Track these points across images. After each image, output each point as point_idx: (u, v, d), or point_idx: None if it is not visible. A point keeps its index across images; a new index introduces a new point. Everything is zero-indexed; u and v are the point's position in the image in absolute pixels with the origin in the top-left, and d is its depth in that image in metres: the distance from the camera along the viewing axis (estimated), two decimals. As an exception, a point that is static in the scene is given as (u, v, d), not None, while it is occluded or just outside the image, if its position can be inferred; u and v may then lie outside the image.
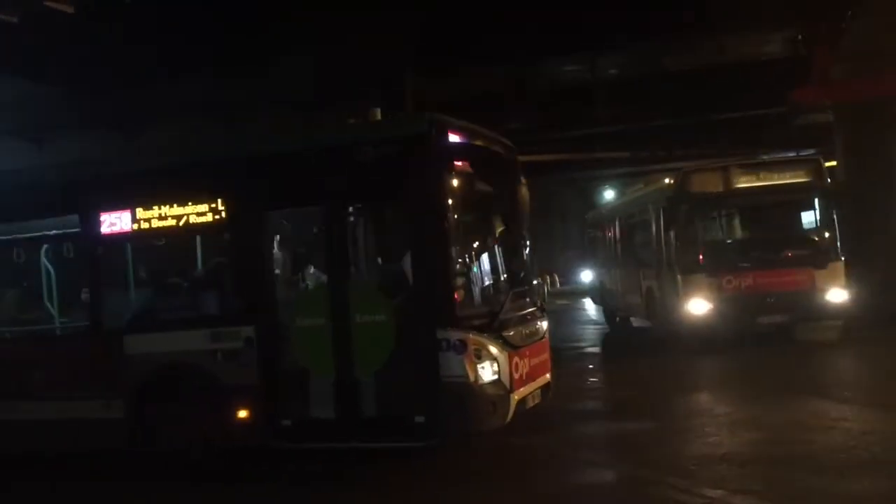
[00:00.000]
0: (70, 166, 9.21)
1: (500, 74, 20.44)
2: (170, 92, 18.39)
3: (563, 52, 20.13)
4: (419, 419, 6.94)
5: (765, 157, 15.77)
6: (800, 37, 20.28)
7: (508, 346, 7.18)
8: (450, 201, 6.88)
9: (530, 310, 8.02)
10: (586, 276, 25.24)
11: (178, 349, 7.62)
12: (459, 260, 7.03)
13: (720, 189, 13.48)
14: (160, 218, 7.75)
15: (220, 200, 7.56)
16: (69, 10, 12.37)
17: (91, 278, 8.07)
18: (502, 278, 7.94)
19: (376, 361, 7.05)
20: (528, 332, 7.74)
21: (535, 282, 8.33)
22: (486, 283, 7.43)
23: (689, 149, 23.75)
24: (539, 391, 7.77)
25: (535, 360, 7.73)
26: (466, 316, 6.99)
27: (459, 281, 7.01)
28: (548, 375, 8.03)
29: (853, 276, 13.61)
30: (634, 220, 16.73)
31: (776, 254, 13.65)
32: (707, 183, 13.55)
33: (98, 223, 7.90)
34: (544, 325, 8.19)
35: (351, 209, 7.37)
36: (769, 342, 13.21)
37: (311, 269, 7.82)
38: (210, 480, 7.48)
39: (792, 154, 20.79)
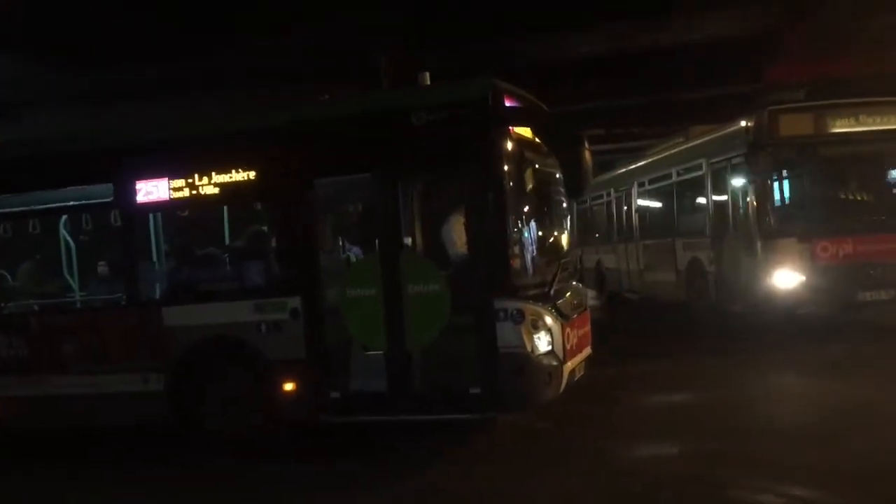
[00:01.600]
0: (102, 133, 8.84)
1: (479, 53, 20.32)
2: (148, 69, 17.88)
3: (542, 30, 20.06)
4: (475, 391, 6.85)
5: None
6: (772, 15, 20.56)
7: (561, 316, 7.13)
8: (507, 168, 6.78)
9: (575, 280, 7.97)
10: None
11: (219, 321, 7.39)
12: (516, 228, 6.91)
13: (814, 133, 11.01)
14: (201, 187, 7.50)
15: (264, 169, 7.34)
16: None
17: (128, 249, 7.79)
18: (552, 247, 7.86)
19: (429, 333, 6.94)
20: (575, 302, 7.70)
21: (575, 251, 8.29)
22: (539, 251, 7.34)
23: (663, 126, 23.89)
24: (583, 363, 7.73)
25: (581, 331, 7.69)
26: (523, 286, 6.90)
27: (516, 250, 6.91)
28: (589, 348, 7.99)
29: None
30: (668, 183, 14.33)
31: (880, 216, 11.12)
32: (798, 125, 11.04)
33: (135, 192, 7.61)
34: (586, 295, 8.15)
35: (403, 177, 7.19)
36: (868, 325, 11.46)
37: (361, 239, 7.64)
38: (257, 458, 7.26)
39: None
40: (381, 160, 7.04)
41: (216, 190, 7.44)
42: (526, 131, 7.16)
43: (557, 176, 7.63)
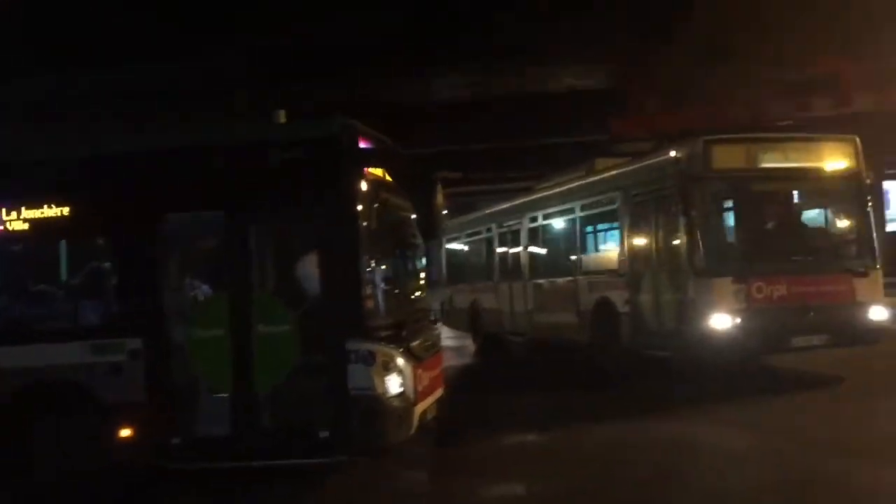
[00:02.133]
0: None
1: (339, 92, 20.33)
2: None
3: (399, 74, 20.31)
4: (324, 434, 6.71)
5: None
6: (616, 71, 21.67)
7: (413, 357, 7.09)
8: (361, 208, 6.74)
9: (428, 321, 7.97)
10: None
11: (52, 363, 6.93)
12: (368, 269, 6.86)
13: (748, 166, 10.29)
14: (32, 218, 7.07)
15: (105, 200, 7.00)
16: None
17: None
18: (406, 288, 7.85)
19: (278, 375, 6.77)
20: (428, 343, 7.69)
21: (441, 292, 8.32)
22: (393, 293, 7.31)
23: (524, 171, 24.60)
24: (435, 404, 7.71)
25: (433, 373, 7.69)
26: (375, 327, 6.83)
27: (369, 291, 6.85)
28: (441, 389, 7.99)
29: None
30: (570, 218, 13.40)
31: (814, 255, 10.50)
32: (734, 157, 10.28)
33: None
34: (439, 336, 8.17)
35: (255, 215, 7.01)
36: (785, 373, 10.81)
37: (210, 278, 7.37)
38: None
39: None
40: (229, 197, 6.86)
41: (47, 222, 7.03)
42: (380, 172, 7.16)
43: (412, 217, 7.64)
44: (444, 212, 6.99)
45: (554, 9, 17.65)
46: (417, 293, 8.06)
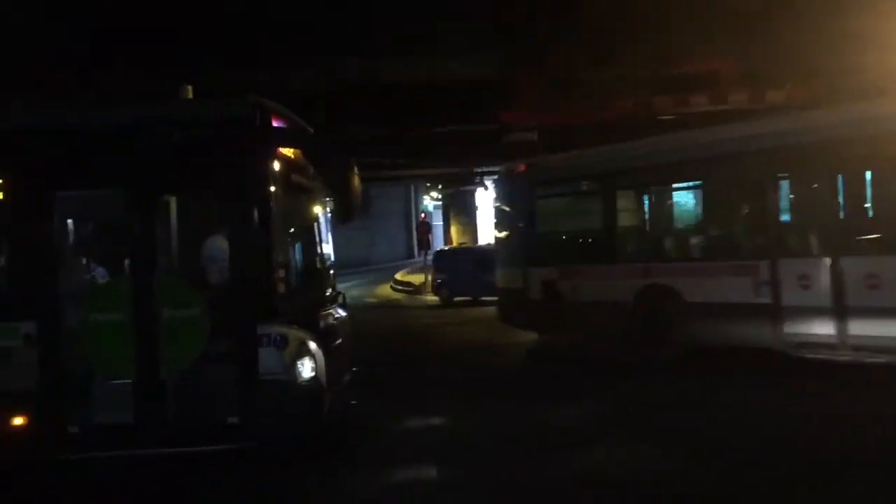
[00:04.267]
0: None
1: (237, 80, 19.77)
2: None
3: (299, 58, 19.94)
4: (233, 420, 6.54)
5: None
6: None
7: (324, 342, 6.99)
8: (273, 189, 6.61)
9: (337, 303, 7.88)
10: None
11: None
12: (279, 251, 6.71)
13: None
14: None
15: None
16: None
17: None
18: (317, 270, 7.72)
19: (184, 359, 6.54)
20: (337, 326, 7.60)
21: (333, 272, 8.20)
22: (304, 275, 7.18)
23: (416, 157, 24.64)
24: (352, 390, 7.64)
25: (343, 356, 7.60)
26: (286, 310, 6.70)
27: (280, 273, 6.71)
28: (351, 373, 7.91)
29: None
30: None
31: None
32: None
33: None
34: (346, 318, 8.07)
35: (158, 193, 6.75)
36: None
37: (108, 260, 7.06)
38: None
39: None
40: (136, 175, 6.58)
41: None
42: (291, 152, 7.00)
43: (324, 199, 7.53)
44: (360, 194, 6.83)
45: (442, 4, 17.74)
46: (329, 276, 7.94)
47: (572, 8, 18.52)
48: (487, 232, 32.91)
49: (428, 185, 40.57)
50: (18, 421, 6.52)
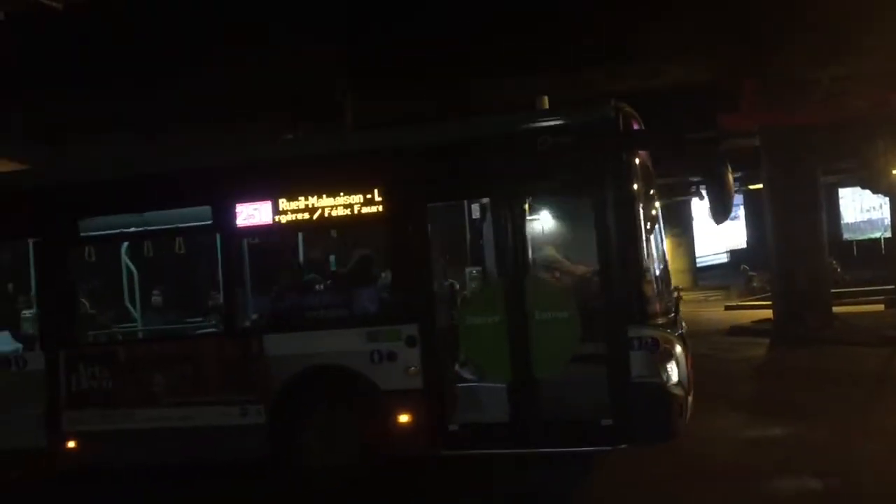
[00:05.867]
0: (200, 154, 8.44)
1: (425, 95, 20.10)
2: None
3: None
4: (606, 422, 6.64)
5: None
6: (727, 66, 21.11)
7: (684, 345, 6.98)
8: (638, 192, 6.68)
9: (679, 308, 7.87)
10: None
11: (326, 350, 7.04)
12: (646, 254, 6.76)
13: None
14: (305, 209, 7.17)
15: (379, 191, 7.04)
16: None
17: (227, 274, 7.38)
18: (668, 273, 7.74)
19: (557, 361, 6.72)
20: (684, 330, 7.58)
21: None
22: (662, 277, 7.21)
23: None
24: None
25: (691, 361, 7.54)
26: (654, 313, 6.74)
27: (648, 276, 6.76)
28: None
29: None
30: None
31: None
32: None
33: (234, 215, 7.24)
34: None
35: (526, 201, 7.03)
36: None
37: (482, 265, 7.40)
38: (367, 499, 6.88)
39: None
40: (503, 184, 6.86)
41: (319, 214, 7.12)
42: (643, 156, 7.06)
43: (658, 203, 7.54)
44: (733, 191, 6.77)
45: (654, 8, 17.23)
46: (670, 279, 7.94)
47: (796, 7, 17.55)
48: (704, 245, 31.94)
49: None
50: (403, 418, 6.92)
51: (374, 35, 16.58)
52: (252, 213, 7.23)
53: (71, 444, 7.43)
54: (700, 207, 31.24)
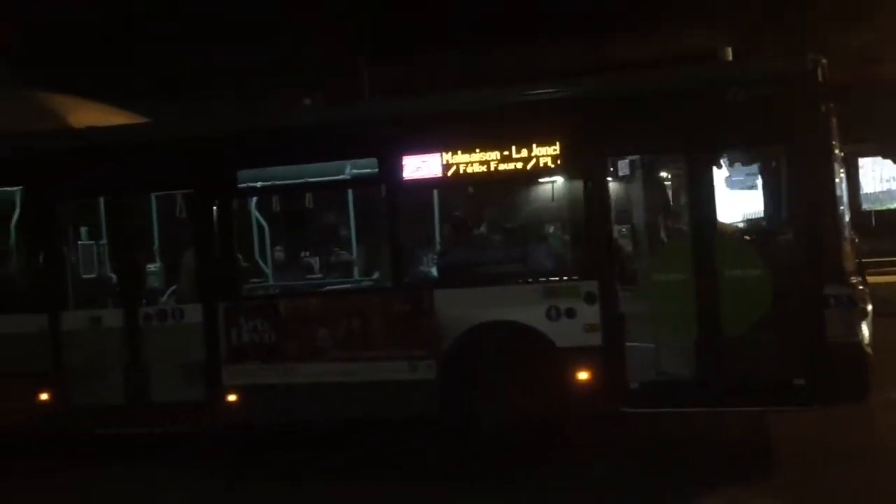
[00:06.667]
0: (366, 105, 8.23)
1: (450, 62, 19.75)
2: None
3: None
4: (798, 382, 6.43)
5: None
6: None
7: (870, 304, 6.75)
8: (834, 146, 6.43)
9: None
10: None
11: (501, 306, 6.84)
12: (841, 209, 6.53)
13: None
14: (477, 163, 6.93)
15: (552, 145, 6.80)
16: None
17: (396, 228, 7.17)
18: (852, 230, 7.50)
19: (746, 319, 6.50)
20: None
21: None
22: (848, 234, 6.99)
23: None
24: None
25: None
26: (850, 271, 6.51)
27: (844, 233, 6.52)
28: None
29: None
30: None
31: None
32: None
33: (403, 168, 7.02)
34: None
35: (715, 155, 6.77)
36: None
37: (667, 219, 7.18)
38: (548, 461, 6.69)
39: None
40: (690, 138, 6.61)
41: (490, 167, 6.89)
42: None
43: None
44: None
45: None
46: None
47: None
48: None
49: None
50: (582, 377, 6.73)
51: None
52: (422, 167, 7.01)
53: (231, 398, 7.27)
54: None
